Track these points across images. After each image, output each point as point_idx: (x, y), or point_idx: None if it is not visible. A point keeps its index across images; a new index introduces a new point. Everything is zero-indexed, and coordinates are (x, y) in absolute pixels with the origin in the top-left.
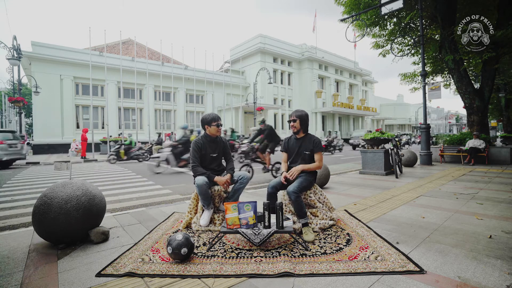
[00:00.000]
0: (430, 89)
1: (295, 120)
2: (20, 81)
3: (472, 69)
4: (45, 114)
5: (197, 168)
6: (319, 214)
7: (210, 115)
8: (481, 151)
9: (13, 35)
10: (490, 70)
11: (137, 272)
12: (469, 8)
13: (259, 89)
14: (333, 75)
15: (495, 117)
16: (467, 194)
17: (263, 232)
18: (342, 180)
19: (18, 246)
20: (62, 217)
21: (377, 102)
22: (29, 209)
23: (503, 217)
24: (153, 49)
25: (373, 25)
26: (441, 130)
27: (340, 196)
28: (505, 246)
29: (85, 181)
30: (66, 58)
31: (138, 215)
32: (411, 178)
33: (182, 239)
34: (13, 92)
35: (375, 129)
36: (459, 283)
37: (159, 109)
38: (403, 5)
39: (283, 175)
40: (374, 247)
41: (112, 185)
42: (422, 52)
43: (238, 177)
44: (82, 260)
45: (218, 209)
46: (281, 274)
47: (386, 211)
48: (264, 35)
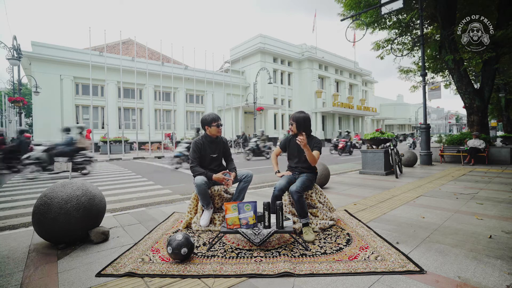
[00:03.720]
0: (430, 89)
1: (292, 123)
2: (20, 81)
3: (472, 69)
4: (45, 114)
5: (196, 168)
6: (319, 214)
7: (210, 116)
8: (481, 151)
9: (13, 35)
10: (490, 70)
11: (137, 272)
12: (469, 8)
13: (259, 89)
14: (333, 75)
15: (495, 117)
16: (467, 194)
17: (263, 232)
18: (342, 180)
19: (18, 246)
20: (62, 217)
21: (377, 102)
22: (29, 209)
23: (503, 217)
24: (153, 49)
25: (373, 24)
26: (441, 130)
27: (340, 196)
28: (505, 246)
29: (85, 181)
30: (66, 58)
31: (138, 215)
32: (411, 178)
33: (182, 239)
34: (13, 92)
35: (375, 129)
36: (459, 283)
37: (159, 109)
38: (403, 5)
39: (298, 137)
40: (374, 247)
41: (112, 185)
42: (422, 52)
43: (242, 176)
44: (82, 260)
45: (218, 209)
46: (281, 274)
47: (386, 211)
48: (264, 35)
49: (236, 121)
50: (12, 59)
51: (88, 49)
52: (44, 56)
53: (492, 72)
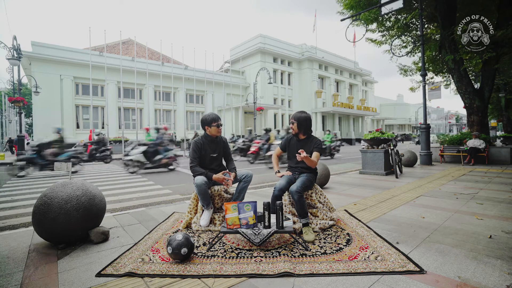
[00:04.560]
0: (430, 89)
1: (293, 122)
2: (20, 81)
3: (472, 69)
4: (45, 114)
5: (195, 168)
6: (319, 214)
7: (210, 116)
8: (481, 151)
9: (13, 35)
10: (490, 70)
11: (137, 272)
12: (469, 8)
13: (259, 89)
14: (333, 75)
15: (495, 117)
16: (467, 194)
17: (263, 232)
18: (342, 180)
19: (18, 246)
20: (62, 217)
21: (377, 102)
22: (29, 209)
23: (503, 217)
24: (153, 49)
25: (371, 23)
26: (441, 130)
27: (340, 196)
28: (505, 246)
29: (85, 181)
30: (66, 58)
31: (138, 215)
32: (411, 178)
33: (182, 239)
34: (13, 92)
35: (375, 129)
36: (459, 283)
37: (159, 109)
38: (403, 5)
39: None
40: (374, 247)
41: (112, 185)
42: (422, 52)
43: (242, 176)
44: (82, 260)
45: (218, 209)
46: (281, 274)
47: (386, 211)
48: (264, 35)
49: (236, 121)
50: (12, 59)
51: (88, 49)
52: (44, 56)
53: (492, 72)
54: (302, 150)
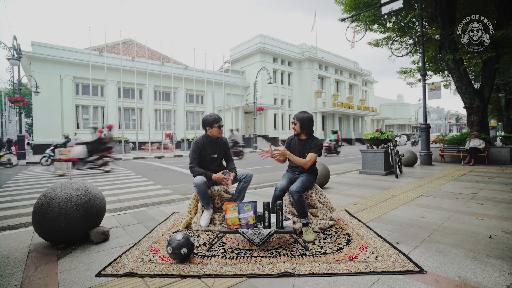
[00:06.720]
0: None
1: (295, 122)
2: (20, 81)
3: (472, 69)
4: (45, 114)
5: (195, 168)
6: (319, 214)
7: (211, 116)
8: (481, 151)
9: (13, 35)
10: (490, 70)
11: (137, 272)
12: (469, 8)
13: (259, 89)
14: (333, 75)
15: (495, 117)
16: (467, 194)
17: (263, 232)
18: (342, 180)
19: (18, 246)
20: (62, 217)
21: (377, 102)
22: (29, 209)
23: (503, 217)
24: (153, 49)
25: (372, 23)
26: (441, 130)
27: (340, 196)
28: (505, 246)
29: (85, 181)
30: (66, 58)
31: (138, 215)
32: (411, 178)
33: (182, 239)
34: (13, 92)
35: (375, 129)
36: (459, 283)
37: (159, 109)
38: (403, 5)
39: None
40: (374, 247)
41: (112, 185)
42: (422, 52)
43: (242, 176)
44: (82, 260)
45: (218, 209)
46: (281, 274)
47: (386, 211)
48: (264, 35)
49: (236, 121)
50: (12, 59)
51: (88, 49)
52: (44, 56)
53: (492, 72)
54: (270, 144)
